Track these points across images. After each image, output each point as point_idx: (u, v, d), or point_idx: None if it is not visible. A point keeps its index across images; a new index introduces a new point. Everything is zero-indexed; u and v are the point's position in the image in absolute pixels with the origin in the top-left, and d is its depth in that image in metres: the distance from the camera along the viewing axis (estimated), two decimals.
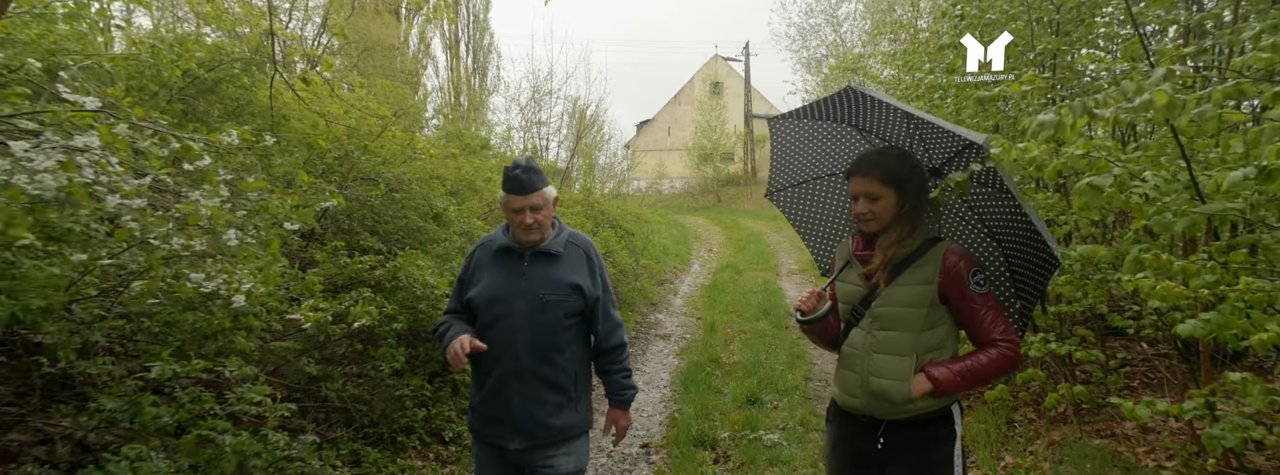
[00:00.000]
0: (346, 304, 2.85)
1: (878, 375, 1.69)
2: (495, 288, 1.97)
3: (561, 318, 1.97)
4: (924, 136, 1.82)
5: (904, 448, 1.71)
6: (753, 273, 10.88)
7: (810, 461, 3.56)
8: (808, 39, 25.91)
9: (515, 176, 1.89)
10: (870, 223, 1.71)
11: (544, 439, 1.97)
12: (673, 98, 37.47)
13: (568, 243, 2.04)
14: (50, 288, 1.94)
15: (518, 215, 1.90)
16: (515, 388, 1.95)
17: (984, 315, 1.67)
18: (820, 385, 5.09)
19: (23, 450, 2.22)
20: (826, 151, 2.05)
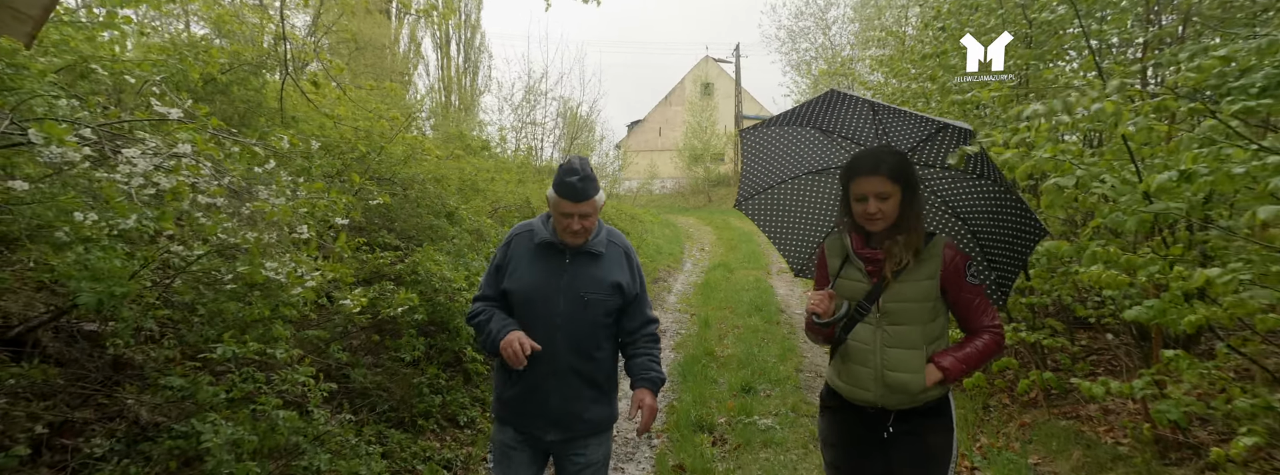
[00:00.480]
0: (372, 295, 3.07)
1: (894, 369, 1.74)
2: (536, 283, 1.95)
3: (601, 316, 1.98)
4: (887, 128, 1.90)
5: (911, 435, 1.78)
6: (744, 271, 11.16)
7: (801, 443, 3.83)
8: (797, 41, 26.28)
9: (571, 183, 1.85)
10: (878, 222, 1.75)
11: (579, 432, 2.00)
12: (664, 98, 37.68)
13: (608, 242, 2.04)
14: (121, 277, 2.16)
15: (566, 220, 1.89)
16: (553, 384, 1.95)
17: (977, 304, 1.77)
18: (810, 376, 5.37)
19: (87, 426, 2.44)
20: (788, 155, 2.10)
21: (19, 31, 2.82)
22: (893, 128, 1.88)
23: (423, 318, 3.41)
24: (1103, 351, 4.22)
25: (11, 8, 2.84)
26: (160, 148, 1.65)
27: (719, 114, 32.72)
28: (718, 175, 30.82)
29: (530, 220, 2.09)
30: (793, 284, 10.31)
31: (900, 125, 1.85)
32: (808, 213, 2.21)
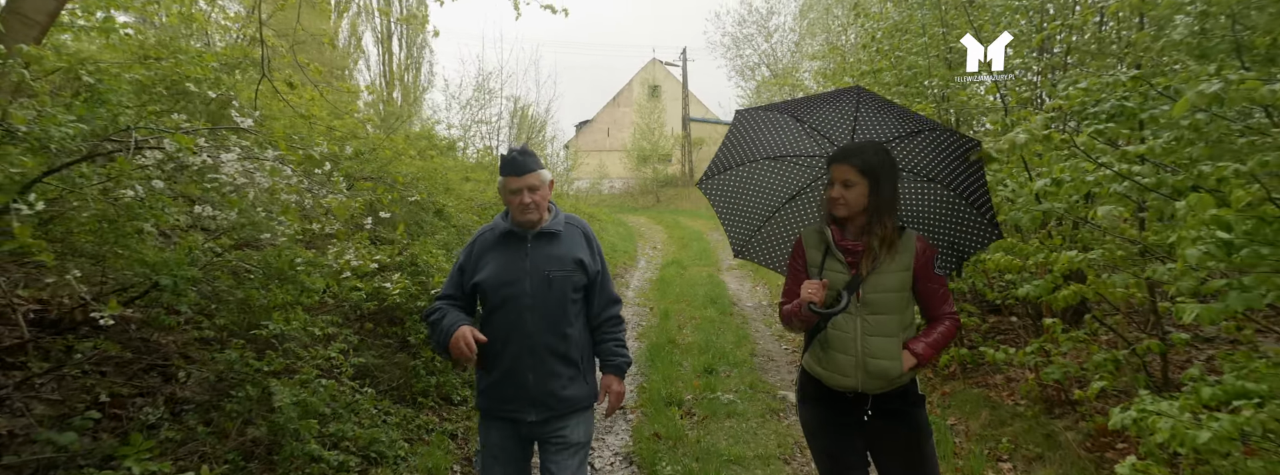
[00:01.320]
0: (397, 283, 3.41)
1: (875, 356, 1.83)
2: (502, 270, 2.04)
3: (568, 292, 2.06)
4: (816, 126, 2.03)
5: (892, 416, 1.88)
6: (696, 268, 11.75)
7: (759, 414, 4.37)
8: (741, 48, 27.31)
9: (512, 159, 1.98)
10: (841, 207, 1.85)
11: (558, 410, 2.06)
12: (612, 99, 38.01)
13: (566, 223, 2.13)
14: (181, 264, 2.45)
15: (516, 196, 1.99)
16: (529, 364, 2.02)
17: (940, 293, 1.91)
18: (763, 359, 5.95)
19: (137, 397, 2.70)
20: (762, 190, 2.21)
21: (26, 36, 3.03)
22: (822, 124, 2.00)
23: (425, 304, 3.75)
24: (1007, 331, 4.96)
25: (20, 13, 3.05)
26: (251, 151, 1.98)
27: (667, 116, 33.38)
28: (666, 176, 31.48)
29: (490, 223, 2.19)
30: (742, 279, 10.97)
31: (824, 118, 1.97)
32: (753, 196, 2.26)
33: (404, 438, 3.29)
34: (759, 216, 2.27)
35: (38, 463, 2.26)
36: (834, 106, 1.93)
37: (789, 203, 2.23)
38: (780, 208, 2.24)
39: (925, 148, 1.95)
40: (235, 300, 2.91)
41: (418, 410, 3.76)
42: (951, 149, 1.90)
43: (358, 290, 3.41)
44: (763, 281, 10.63)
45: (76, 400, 2.57)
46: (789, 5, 27.56)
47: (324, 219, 2.32)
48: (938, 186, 2.02)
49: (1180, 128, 2.19)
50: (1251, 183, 1.70)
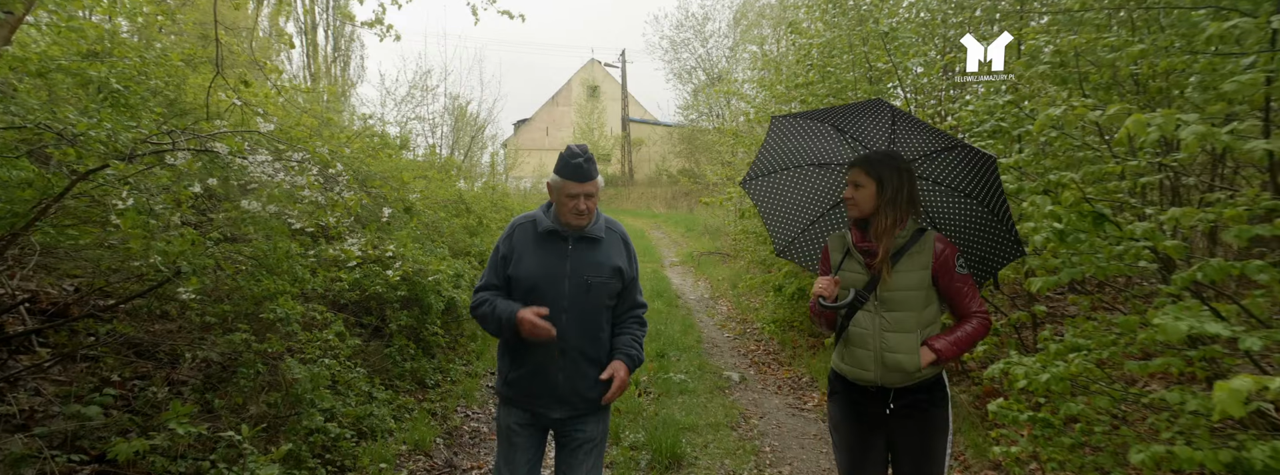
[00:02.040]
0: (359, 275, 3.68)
1: (892, 351, 1.88)
2: (540, 269, 2.02)
3: (604, 299, 2.05)
4: (853, 135, 2.10)
5: (911, 411, 1.93)
6: (640, 264, 12.23)
7: (706, 391, 4.88)
8: (679, 51, 28.02)
9: (577, 164, 1.95)
10: (853, 207, 1.95)
11: (583, 409, 2.08)
12: (551, 98, 37.94)
13: (607, 228, 2.12)
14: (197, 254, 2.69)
15: (572, 201, 1.98)
16: (561, 364, 2.01)
17: (966, 292, 1.93)
18: (709, 346, 6.49)
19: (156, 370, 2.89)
20: (806, 195, 2.28)
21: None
22: (859, 130, 2.08)
23: (405, 293, 4.03)
24: None
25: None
26: (283, 152, 2.27)
27: (606, 116, 33.71)
28: (606, 176, 31.83)
29: (530, 212, 2.18)
30: (685, 275, 11.55)
31: (863, 128, 2.05)
32: (799, 200, 2.32)
33: (392, 414, 3.59)
34: (804, 220, 2.32)
35: (65, 434, 2.46)
36: (872, 119, 2.00)
37: (833, 209, 2.29)
38: (825, 213, 2.30)
39: (959, 163, 2.00)
40: (235, 288, 3.13)
41: (396, 393, 4.04)
42: (979, 165, 1.94)
43: (340, 281, 3.67)
44: (704, 277, 11.24)
45: (83, 382, 2.75)
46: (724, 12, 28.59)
47: (339, 213, 2.60)
48: (973, 202, 2.06)
49: (1037, 143, 2.82)
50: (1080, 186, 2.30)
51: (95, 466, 2.43)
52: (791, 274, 6.24)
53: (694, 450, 3.72)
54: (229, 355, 2.91)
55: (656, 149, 31.32)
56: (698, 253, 12.87)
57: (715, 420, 4.24)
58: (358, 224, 2.71)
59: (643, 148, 32.50)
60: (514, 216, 9.08)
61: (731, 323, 7.80)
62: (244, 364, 2.85)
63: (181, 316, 3.09)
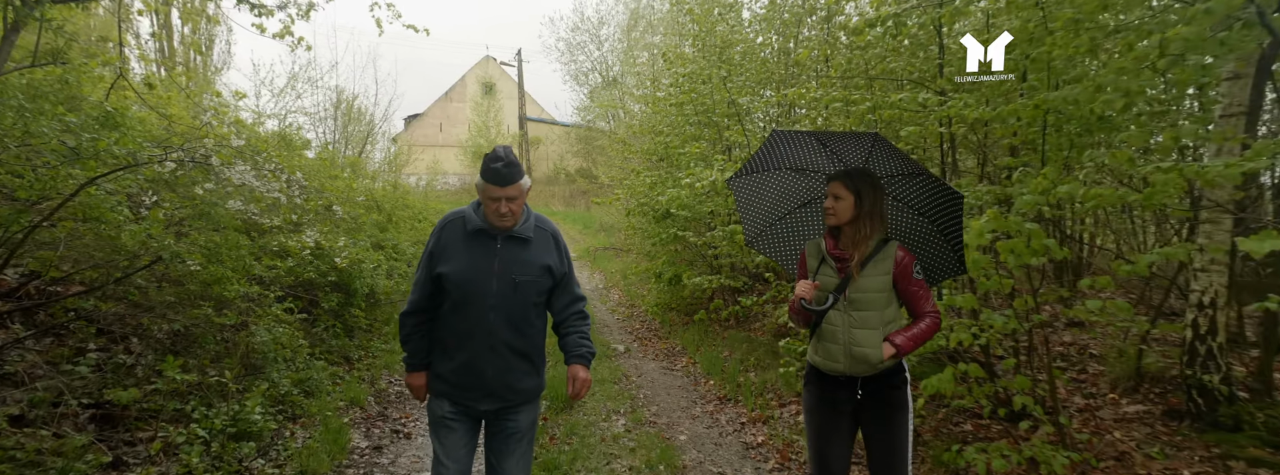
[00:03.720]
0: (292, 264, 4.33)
1: (859, 345, 2.12)
2: (469, 268, 2.06)
3: (533, 296, 2.10)
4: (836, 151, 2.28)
5: (876, 396, 2.18)
6: None
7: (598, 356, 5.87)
8: (575, 54, 28.81)
9: (496, 169, 1.97)
10: (831, 217, 2.15)
11: (513, 401, 2.14)
12: (444, 94, 37.19)
13: (536, 228, 2.16)
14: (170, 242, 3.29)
15: (495, 204, 2.01)
16: (489, 359, 2.07)
17: (921, 295, 2.15)
18: (600, 325, 7.49)
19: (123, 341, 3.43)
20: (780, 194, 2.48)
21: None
22: (842, 149, 2.27)
23: (335, 279, 4.69)
24: (763, 291, 7.02)
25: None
26: (264, 163, 2.97)
27: (504, 114, 33.69)
28: None
29: (461, 209, 2.20)
30: (582, 268, 12.50)
31: (846, 147, 2.24)
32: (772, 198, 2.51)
33: (331, 376, 4.28)
34: (773, 215, 2.52)
35: (58, 388, 3.02)
36: (855, 141, 2.19)
37: (800, 208, 2.50)
38: (792, 211, 2.51)
39: (922, 188, 2.22)
40: (188, 273, 3.72)
41: (330, 364, 4.70)
42: (940, 194, 2.15)
43: (275, 268, 4.29)
44: (599, 270, 12.26)
45: (56, 352, 3.27)
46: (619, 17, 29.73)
47: (300, 211, 3.30)
48: (925, 220, 2.29)
49: None
50: None
51: (95, 411, 3.02)
52: (668, 263, 7.38)
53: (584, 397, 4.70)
54: (191, 326, 3.53)
55: (555, 148, 31.85)
56: (594, 248, 13.85)
57: (601, 377, 5.24)
58: (315, 219, 3.39)
59: (541, 146, 32.87)
60: (421, 214, 9.71)
61: (621, 307, 8.85)
62: (206, 334, 3.48)
63: (144, 297, 3.63)
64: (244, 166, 2.94)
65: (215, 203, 2.89)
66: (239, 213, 2.95)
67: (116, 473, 2.77)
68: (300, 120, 16.65)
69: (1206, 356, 2.93)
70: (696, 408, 4.69)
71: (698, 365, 5.76)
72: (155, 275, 3.65)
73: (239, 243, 3.76)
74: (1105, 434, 3.06)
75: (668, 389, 5.15)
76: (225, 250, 3.68)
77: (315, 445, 3.39)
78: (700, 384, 5.27)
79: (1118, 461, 2.81)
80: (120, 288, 3.48)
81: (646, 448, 3.81)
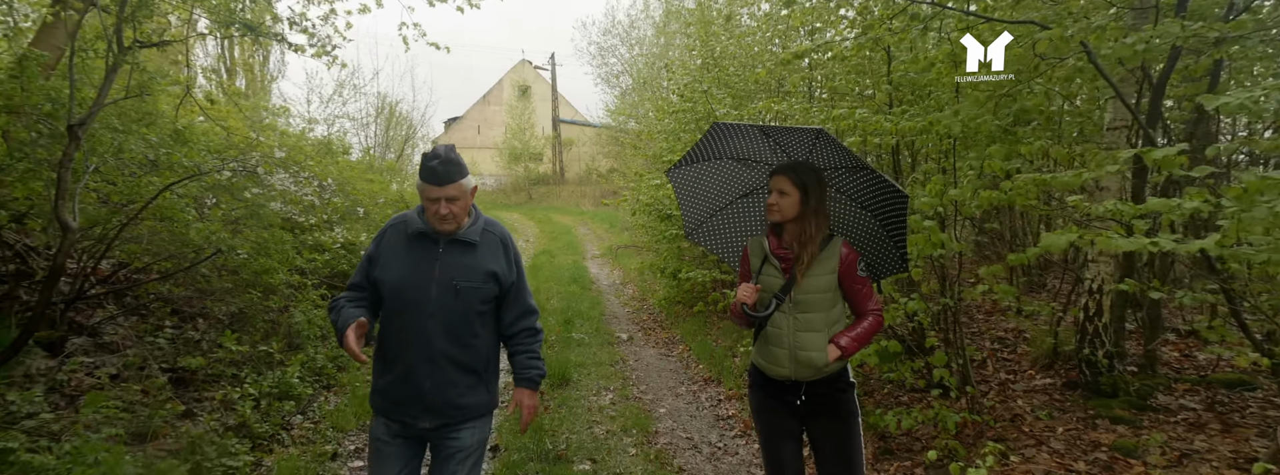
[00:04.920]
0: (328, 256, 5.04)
1: (803, 349, 2.03)
2: (407, 273, 1.94)
3: (476, 304, 1.98)
4: (780, 142, 2.16)
5: (821, 400, 2.10)
6: (564, 256, 13.72)
7: (600, 344, 6.45)
8: (606, 57, 29.43)
9: (432, 168, 1.88)
10: (775, 213, 2.04)
11: (455, 418, 2.01)
12: (482, 97, 38.32)
13: (484, 231, 2.05)
14: (228, 237, 4.01)
15: (433, 205, 1.91)
16: (427, 371, 1.94)
17: (865, 293, 2.09)
18: (610, 317, 8.08)
19: (191, 319, 4.18)
20: (721, 184, 2.39)
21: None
22: (786, 143, 2.16)
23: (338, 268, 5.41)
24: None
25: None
26: (300, 171, 3.64)
27: (537, 116, 34.55)
28: (538, 174, 32.78)
29: (406, 212, 2.09)
30: (603, 265, 13.12)
31: (790, 139, 2.14)
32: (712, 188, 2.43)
33: None
34: (713, 206, 2.45)
35: (143, 356, 3.76)
36: (799, 135, 2.10)
37: (742, 198, 2.43)
38: (733, 201, 2.43)
39: (864, 182, 2.14)
40: (242, 263, 4.45)
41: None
42: (884, 190, 2.08)
43: (314, 260, 5.01)
44: (619, 267, 12.85)
45: (140, 327, 4.03)
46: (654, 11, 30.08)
47: (329, 211, 3.98)
48: (867, 214, 2.22)
49: None
50: None
51: (171, 374, 3.75)
52: (671, 258, 7.91)
53: (580, 375, 5.29)
54: (244, 308, 4.25)
55: (587, 149, 32.56)
56: (616, 246, 14.46)
57: (600, 361, 5.82)
58: (343, 218, 4.07)
59: (573, 147, 33.61)
60: None
61: (633, 301, 9.42)
62: (256, 314, 4.20)
63: (207, 283, 4.38)
64: (284, 174, 3.62)
65: (262, 204, 3.58)
66: (280, 212, 3.63)
67: (188, 420, 3.48)
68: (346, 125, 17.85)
69: (1093, 335, 3.31)
70: (682, 388, 5.21)
71: (691, 352, 6.27)
72: (216, 265, 4.40)
73: (282, 238, 4.47)
74: (1011, 401, 3.47)
75: (660, 372, 5.69)
76: (271, 245, 4.40)
77: (345, 407, 4.07)
78: (690, 368, 5.79)
79: (1011, 422, 3.23)
80: (188, 275, 4.23)
81: (626, 417, 4.37)
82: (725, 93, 6.05)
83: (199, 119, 6.31)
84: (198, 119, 6.23)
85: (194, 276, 4.27)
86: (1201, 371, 3.59)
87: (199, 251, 4.12)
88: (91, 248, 3.63)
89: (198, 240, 3.93)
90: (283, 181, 3.65)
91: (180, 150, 3.54)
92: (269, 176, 3.53)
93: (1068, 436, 3.03)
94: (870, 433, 3.60)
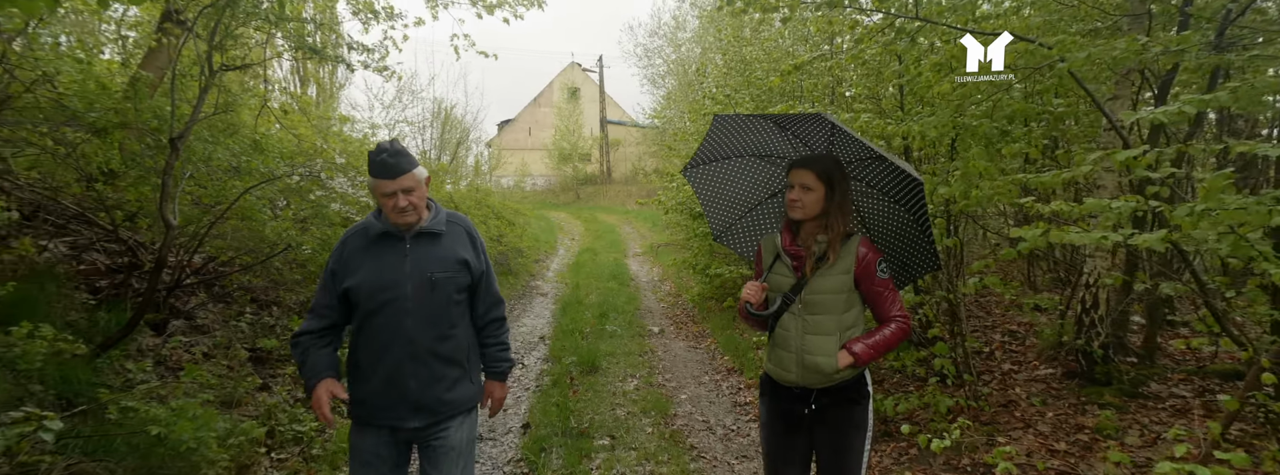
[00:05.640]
0: None
1: (811, 353, 1.93)
2: (378, 274, 1.92)
3: (452, 294, 1.97)
4: (796, 134, 2.08)
5: (831, 410, 1.97)
6: (607, 254, 14.17)
7: (631, 336, 6.82)
8: (652, 58, 29.78)
9: (382, 161, 1.86)
10: (798, 209, 1.93)
11: (443, 414, 1.99)
12: (533, 100, 39.35)
13: (448, 222, 2.05)
14: (297, 234, 4.57)
15: (390, 199, 1.88)
16: (411, 369, 1.93)
17: (886, 296, 1.95)
18: (645, 311, 8.44)
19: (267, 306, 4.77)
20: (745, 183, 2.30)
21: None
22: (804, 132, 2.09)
23: None
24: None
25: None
26: (356, 175, 4.14)
27: (585, 118, 35.23)
28: (585, 174, 33.46)
29: (362, 220, 2.05)
30: (644, 263, 13.50)
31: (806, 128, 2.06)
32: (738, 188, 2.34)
33: None
34: (742, 207, 2.35)
35: (231, 336, 4.34)
36: (813, 123, 2.01)
37: (770, 198, 2.33)
38: (762, 201, 2.33)
39: (888, 173, 2.05)
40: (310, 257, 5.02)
41: None
42: (907, 180, 1.98)
43: None
44: (659, 264, 13.19)
45: (226, 312, 4.63)
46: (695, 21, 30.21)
47: None
48: (899, 208, 2.11)
49: None
50: None
51: (251, 353, 4.32)
52: (703, 254, 8.21)
53: (608, 364, 5.67)
54: (311, 297, 4.82)
55: (633, 149, 33.00)
56: (657, 244, 14.82)
57: (630, 351, 6.19)
58: None
59: (620, 148, 34.10)
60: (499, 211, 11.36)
61: (669, 297, 9.75)
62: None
63: (280, 275, 4.97)
64: (343, 179, 4.13)
65: (325, 205, 4.10)
66: (340, 212, 4.14)
67: (264, 392, 4.02)
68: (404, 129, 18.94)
69: (1089, 327, 3.43)
70: (705, 377, 5.52)
71: (718, 345, 6.56)
72: (287, 259, 4.98)
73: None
74: (1010, 389, 3.63)
75: (686, 362, 6.01)
76: (333, 241, 4.96)
77: None
78: (716, 359, 6.08)
79: (1004, 408, 3.40)
80: (264, 268, 4.82)
81: (647, 401, 4.71)
82: (746, 95, 6.30)
83: (275, 127, 7.06)
84: (274, 127, 6.97)
85: (269, 269, 4.86)
86: (1202, 363, 3.64)
87: (273, 247, 4.69)
88: (186, 243, 4.23)
89: (272, 237, 4.50)
90: (342, 185, 4.16)
91: (258, 158, 4.10)
92: (330, 180, 4.03)
93: (1055, 420, 3.19)
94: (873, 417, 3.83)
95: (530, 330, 7.22)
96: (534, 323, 7.61)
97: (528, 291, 9.81)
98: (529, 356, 6.10)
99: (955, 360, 3.69)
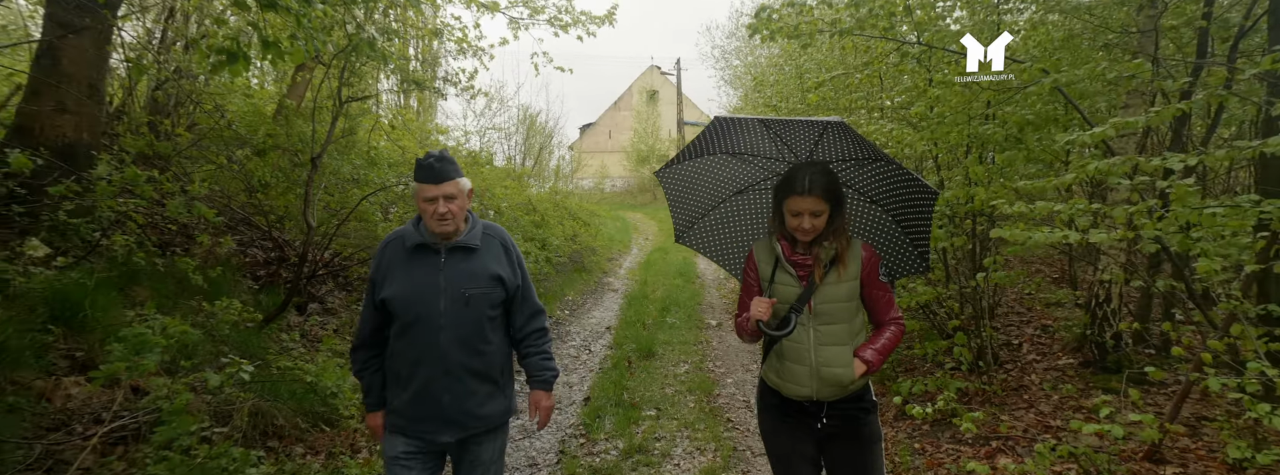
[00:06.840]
0: None
1: (830, 365, 1.85)
2: (412, 287, 1.93)
3: (486, 310, 1.97)
4: (781, 135, 2.02)
5: (844, 422, 1.93)
6: (677, 253, 14.75)
7: (689, 327, 7.40)
8: (730, 59, 29.97)
9: (428, 165, 1.88)
10: (810, 234, 1.86)
11: (476, 428, 2.02)
12: (613, 104, 40.45)
13: (484, 235, 2.03)
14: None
15: (431, 205, 1.89)
16: (444, 384, 1.94)
17: (886, 300, 1.93)
18: (705, 306, 8.98)
19: None
20: (713, 181, 2.23)
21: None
22: (789, 136, 2.01)
23: None
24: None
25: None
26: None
27: (663, 120, 35.86)
28: None
29: (401, 228, 2.06)
30: (711, 261, 13.96)
31: (793, 132, 1.98)
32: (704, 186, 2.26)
33: None
34: (705, 205, 2.29)
35: (354, 317, 5.29)
36: (806, 128, 1.95)
37: (737, 195, 2.26)
38: (727, 199, 2.27)
39: (876, 175, 1.99)
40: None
41: None
42: (902, 183, 1.94)
43: None
44: None
45: (348, 298, 5.61)
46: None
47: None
48: (878, 210, 2.06)
49: None
50: None
51: None
52: None
53: (664, 351, 6.29)
54: None
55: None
56: None
57: (686, 341, 6.77)
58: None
59: None
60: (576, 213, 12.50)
61: (732, 293, 10.21)
62: None
63: None
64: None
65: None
66: None
67: None
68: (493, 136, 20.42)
69: (1102, 319, 3.66)
70: (753, 365, 6.00)
71: None
72: None
73: None
74: (1026, 376, 3.91)
75: (738, 352, 6.52)
76: None
77: None
78: None
79: (1015, 392, 3.71)
80: None
81: (694, 382, 5.28)
82: (799, 103, 6.70)
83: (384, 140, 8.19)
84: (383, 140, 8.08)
85: None
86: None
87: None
88: (319, 241, 5.23)
89: (383, 236, 5.44)
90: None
91: (372, 170, 5.01)
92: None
93: (1057, 401, 3.48)
94: (887, 399, 4.22)
95: (598, 322, 7.94)
96: (602, 315, 8.34)
97: (599, 287, 10.59)
98: (595, 344, 6.82)
99: (973, 349, 4.02)
